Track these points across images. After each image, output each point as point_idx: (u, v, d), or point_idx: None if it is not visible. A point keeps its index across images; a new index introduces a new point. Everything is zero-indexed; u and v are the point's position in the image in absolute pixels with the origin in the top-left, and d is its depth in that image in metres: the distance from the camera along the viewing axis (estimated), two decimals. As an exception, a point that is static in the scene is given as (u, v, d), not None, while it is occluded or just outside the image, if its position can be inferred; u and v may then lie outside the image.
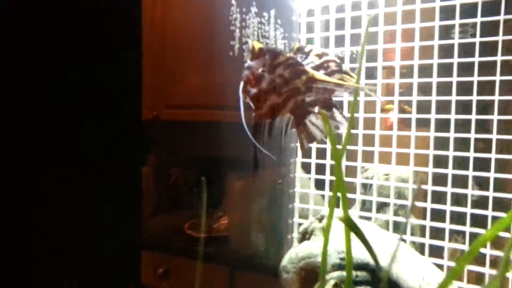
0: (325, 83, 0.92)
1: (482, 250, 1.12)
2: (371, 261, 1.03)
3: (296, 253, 1.19)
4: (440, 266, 1.15)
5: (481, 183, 1.19)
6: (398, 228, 1.34)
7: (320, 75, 0.91)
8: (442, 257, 1.19)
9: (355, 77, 0.94)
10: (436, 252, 1.21)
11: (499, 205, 1.15)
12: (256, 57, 0.87)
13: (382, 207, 1.67)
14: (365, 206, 1.53)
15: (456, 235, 1.33)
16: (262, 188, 1.39)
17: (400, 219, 1.32)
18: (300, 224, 1.42)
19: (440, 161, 1.27)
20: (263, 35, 1.24)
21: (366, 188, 1.57)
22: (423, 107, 1.28)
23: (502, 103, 1.14)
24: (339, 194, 0.78)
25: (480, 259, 1.14)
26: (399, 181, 1.45)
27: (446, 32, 1.26)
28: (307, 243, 1.20)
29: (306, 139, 0.95)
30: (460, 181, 1.24)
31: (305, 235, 1.24)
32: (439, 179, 1.25)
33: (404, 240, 1.23)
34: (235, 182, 1.41)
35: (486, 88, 1.19)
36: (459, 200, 1.24)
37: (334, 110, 0.94)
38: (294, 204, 1.42)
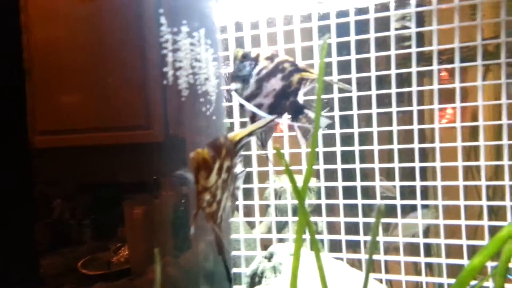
0: (245, 138, 0.86)
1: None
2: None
3: (250, 302, 1.09)
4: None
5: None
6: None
7: (240, 133, 0.84)
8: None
9: (313, 72, 0.90)
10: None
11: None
12: (205, 167, 0.75)
13: (285, 226, 1.71)
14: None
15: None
16: (164, 212, 1.25)
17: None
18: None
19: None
20: (196, 58, 1.06)
21: (276, 196, 1.59)
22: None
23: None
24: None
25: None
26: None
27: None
28: (260, 288, 1.11)
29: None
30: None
31: (254, 279, 1.15)
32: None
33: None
34: (134, 209, 1.23)
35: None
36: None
37: (306, 111, 0.89)
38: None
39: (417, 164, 1.23)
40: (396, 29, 1.24)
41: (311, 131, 0.91)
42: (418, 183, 1.23)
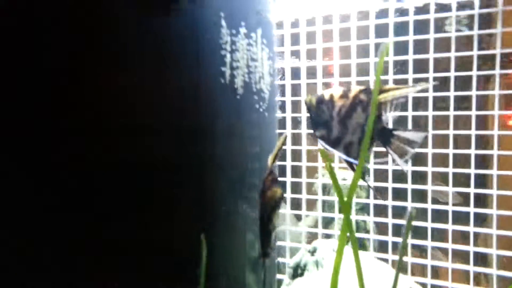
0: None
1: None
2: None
3: (291, 291, 1.15)
4: None
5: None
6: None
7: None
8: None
9: (389, 88, 0.88)
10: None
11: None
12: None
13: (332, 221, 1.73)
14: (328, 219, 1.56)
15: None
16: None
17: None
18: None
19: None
20: (252, 58, 1.11)
21: (325, 191, 1.61)
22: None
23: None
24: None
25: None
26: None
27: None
28: (301, 281, 1.17)
29: None
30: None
31: (297, 271, 1.21)
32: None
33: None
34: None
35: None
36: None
37: (395, 133, 0.88)
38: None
39: (472, 171, 1.19)
40: (457, 30, 1.20)
41: (408, 151, 0.89)
42: (472, 190, 1.20)
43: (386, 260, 1.31)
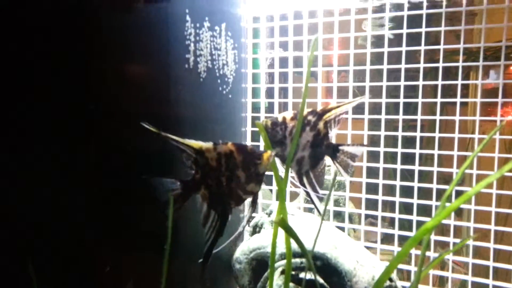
0: None
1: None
2: (314, 251, 1.23)
3: (248, 245, 1.35)
4: (374, 249, 1.42)
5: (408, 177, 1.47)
6: (340, 216, 1.58)
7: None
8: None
9: (333, 106, 1.01)
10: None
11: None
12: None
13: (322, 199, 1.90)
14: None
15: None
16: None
17: (340, 209, 1.56)
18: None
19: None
20: (215, 47, 1.31)
21: None
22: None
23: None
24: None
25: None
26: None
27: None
28: (257, 236, 1.37)
29: None
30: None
31: (256, 229, 1.41)
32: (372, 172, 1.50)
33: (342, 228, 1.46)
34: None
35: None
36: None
37: (341, 148, 1.03)
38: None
39: (455, 153, 1.35)
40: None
41: (350, 164, 1.05)
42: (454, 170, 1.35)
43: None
